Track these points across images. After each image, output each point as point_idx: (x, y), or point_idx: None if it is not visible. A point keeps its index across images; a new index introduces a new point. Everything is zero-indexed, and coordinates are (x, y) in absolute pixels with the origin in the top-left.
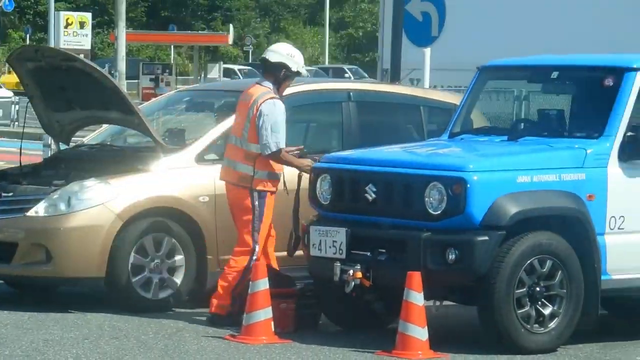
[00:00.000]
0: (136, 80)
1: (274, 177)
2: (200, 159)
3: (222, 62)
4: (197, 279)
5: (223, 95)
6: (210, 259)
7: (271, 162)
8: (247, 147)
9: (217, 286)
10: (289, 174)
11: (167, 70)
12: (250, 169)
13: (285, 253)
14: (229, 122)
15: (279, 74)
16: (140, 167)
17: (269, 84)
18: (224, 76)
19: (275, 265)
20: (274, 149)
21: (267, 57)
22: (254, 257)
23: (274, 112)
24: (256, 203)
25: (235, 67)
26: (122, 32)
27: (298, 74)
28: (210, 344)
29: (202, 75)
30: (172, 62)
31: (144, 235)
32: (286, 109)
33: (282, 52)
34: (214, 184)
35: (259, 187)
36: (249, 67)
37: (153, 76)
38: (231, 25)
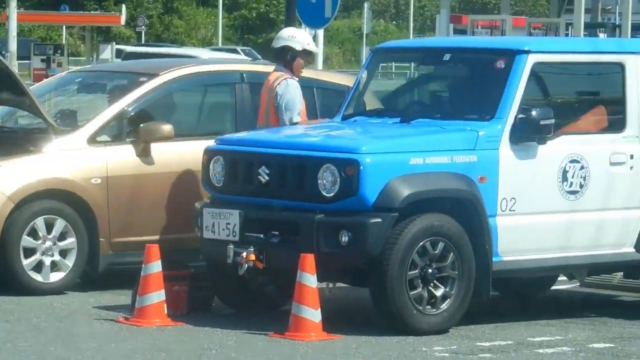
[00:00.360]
0: (27, 61)
1: None
2: (93, 140)
3: (114, 43)
4: (89, 261)
5: (115, 77)
6: (103, 242)
7: None
8: None
9: None
10: None
11: (59, 51)
12: None
13: (178, 235)
14: (122, 103)
15: (286, 57)
16: (31, 148)
17: (281, 68)
18: (116, 57)
19: None
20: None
21: (272, 46)
22: None
23: (286, 91)
24: None
25: (128, 48)
26: (13, 11)
27: (306, 51)
28: (103, 327)
29: (95, 56)
30: (64, 42)
31: (36, 217)
32: (178, 91)
33: (284, 35)
34: (106, 165)
35: None
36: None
37: (44, 57)
38: (124, 6)
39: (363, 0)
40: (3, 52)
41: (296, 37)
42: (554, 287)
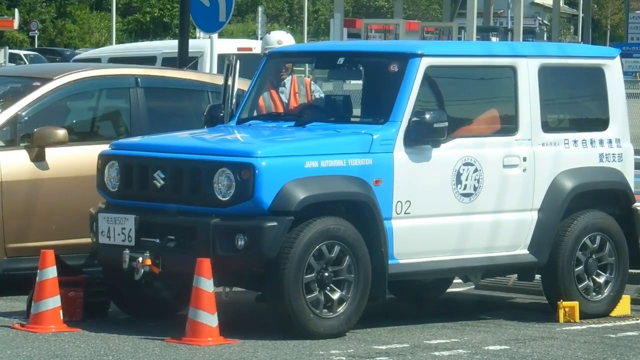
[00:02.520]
0: None
1: None
2: None
3: (7, 47)
4: None
5: (9, 81)
6: None
7: None
8: None
9: None
10: None
11: None
12: None
13: (74, 240)
14: (15, 108)
15: None
16: None
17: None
18: (10, 61)
19: None
20: None
21: (263, 53)
22: None
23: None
24: None
25: (21, 52)
26: None
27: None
28: None
29: None
30: None
31: None
32: (73, 96)
33: (272, 42)
34: (0, 170)
35: None
36: (35, 53)
37: None
38: (17, 10)
39: (257, 4)
40: None
41: (283, 42)
42: (449, 290)
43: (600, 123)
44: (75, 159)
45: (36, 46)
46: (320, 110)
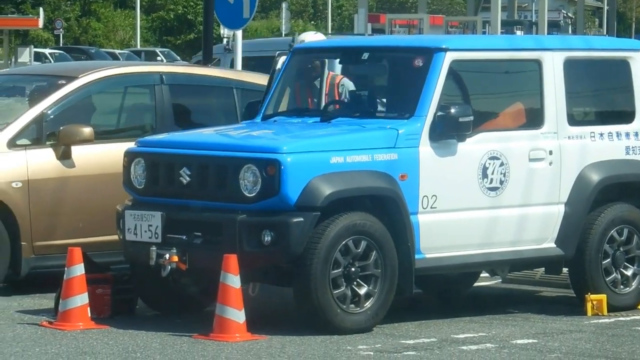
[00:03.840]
0: None
1: None
2: (12, 144)
3: (32, 46)
4: (11, 265)
5: (34, 80)
6: (25, 245)
7: None
8: None
9: None
10: None
11: None
12: None
13: (100, 238)
14: (41, 106)
15: None
16: None
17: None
18: (35, 60)
19: None
20: None
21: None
22: None
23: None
24: None
25: (46, 51)
26: None
27: None
28: (26, 331)
29: (13, 60)
30: None
31: None
32: (98, 93)
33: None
34: (26, 169)
35: None
36: (60, 51)
37: None
38: (41, 9)
39: (281, 1)
40: None
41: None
42: (476, 284)
43: (626, 116)
44: (101, 157)
45: (61, 45)
46: (345, 105)
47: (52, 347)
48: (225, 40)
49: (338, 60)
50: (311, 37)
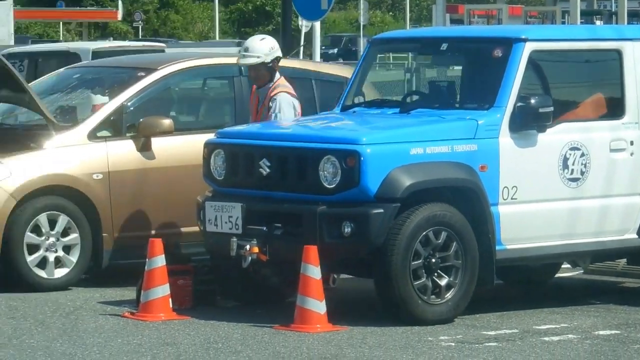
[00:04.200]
0: None
1: None
2: (93, 136)
3: (111, 39)
4: (93, 257)
5: (114, 72)
6: (106, 237)
7: None
8: None
9: None
10: None
11: None
12: None
13: (181, 229)
14: (121, 98)
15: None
16: (32, 145)
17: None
18: None
19: None
20: None
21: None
22: None
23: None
24: None
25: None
26: (9, 9)
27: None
28: (108, 322)
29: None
30: (61, 38)
31: (38, 213)
32: (177, 85)
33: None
34: (107, 161)
35: None
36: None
37: None
38: (120, 1)
39: None
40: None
41: (274, 48)
42: (557, 275)
43: None
44: (180, 148)
45: (140, 37)
46: (424, 96)
47: (134, 337)
48: None
49: None
50: (256, 43)
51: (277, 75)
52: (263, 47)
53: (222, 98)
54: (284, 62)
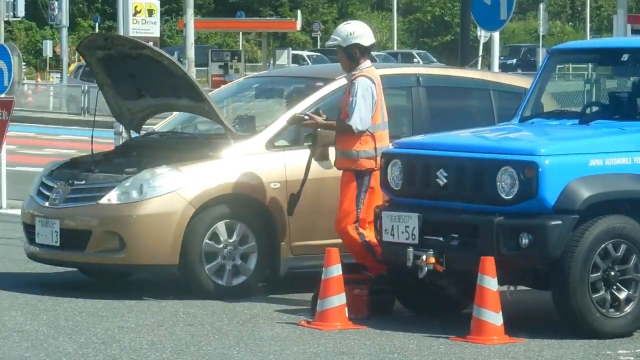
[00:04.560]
0: (205, 68)
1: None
2: (271, 145)
3: (290, 49)
4: (270, 265)
5: (292, 82)
6: (283, 246)
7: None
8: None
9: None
10: None
11: (236, 57)
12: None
13: None
14: (299, 108)
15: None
16: (211, 154)
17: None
18: (293, 62)
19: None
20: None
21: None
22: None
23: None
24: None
25: (304, 53)
26: (190, 19)
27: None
28: (285, 330)
29: (271, 62)
30: (240, 48)
31: (216, 222)
32: None
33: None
34: (284, 170)
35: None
36: (318, 53)
37: (222, 63)
38: (299, 11)
39: (539, 2)
40: (181, 59)
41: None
42: None
43: None
44: None
45: (318, 47)
46: (604, 107)
47: (310, 346)
48: None
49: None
50: (340, 27)
51: (366, 63)
52: (342, 31)
53: (400, 108)
54: (461, 73)
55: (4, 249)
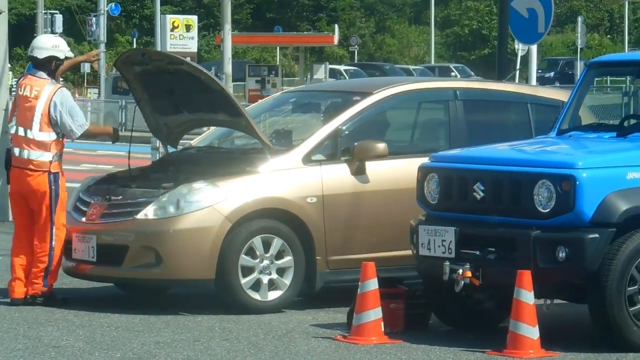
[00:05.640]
0: (242, 82)
1: (61, 158)
2: (308, 159)
3: (327, 63)
4: (306, 279)
5: (329, 96)
6: (319, 260)
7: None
8: (41, 137)
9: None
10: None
11: (273, 72)
12: (48, 154)
13: (394, 253)
14: (336, 122)
15: (50, 66)
16: (248, 168)
17: (43, 75)
18: (330, 77)
19: None
20: (81, 132)
21: (35, 56)
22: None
23: (66, 99)
24: (53, 187)
25: (341, 68)
26: (227, 34)
27: (66, 59)
28: (320, 345)
29: (308, 76)
30: (277, 63)
31: (253, 236)
32: (392, 109)
33: (46, 46)
34: (321, 184)
35: (55, 170)
36: (355, 68)
37: (259, 78)
38: (336, 26)
39: (577, 15)
40: (219, 74)
41: (59, 46)
42: None
43: None
44: (394, 172)
45: (356, 61)
46: None
47: None
48: None
49: None
50: (63, 42)
51: None
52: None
53: (437, 122)
54: (498, 86)
55: None
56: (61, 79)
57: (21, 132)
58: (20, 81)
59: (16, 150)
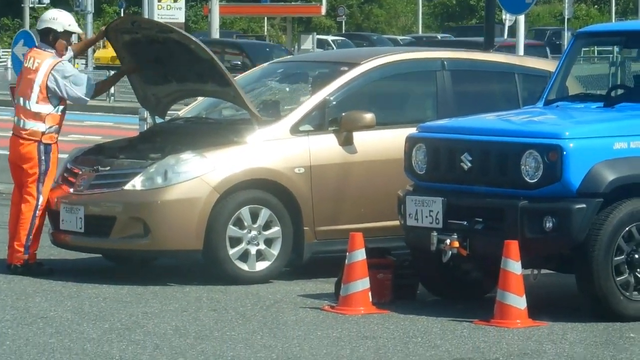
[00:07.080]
0: None
1: (58, 131)
2: (295, 130)
3: (315, 33)
4: (294, 250)
5: (317, 67)
6: (307, 231)
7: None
8: (37, 108)
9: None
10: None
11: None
12: (42, 125)
13: (381, 223)
14: (324, 93)
15: (48, 39)
16: (235, 139)
17: (48, 48)
18: (318, 47)
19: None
20: (90, 96)
21: (36, 28)
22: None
23: (66, 69)
24: (43, 157)
25: (329, 38)
26: (215, 4)
27: (67, 32)
28: (308, 315)
29: (296, 47)
30: (265, 33)
31: (241, 207)
32: (379, 80)
33: (45, 18)
34: (309, 155)
35: (47, 141)
36: (343, 38)
37: None
38: None
39: None
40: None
41: (57, 19)
42: None
43: None
44: (382, 143)
45: (343, 31)
46: (629, 90)
47: (333, 331)
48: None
49: None
50: (63, 15)
51: None
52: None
53: (424, 92)
54: (486, 57)
55: None
56: (70, 52)
57: (21, 102)
58: (26, 53)
59: (15, 119)
